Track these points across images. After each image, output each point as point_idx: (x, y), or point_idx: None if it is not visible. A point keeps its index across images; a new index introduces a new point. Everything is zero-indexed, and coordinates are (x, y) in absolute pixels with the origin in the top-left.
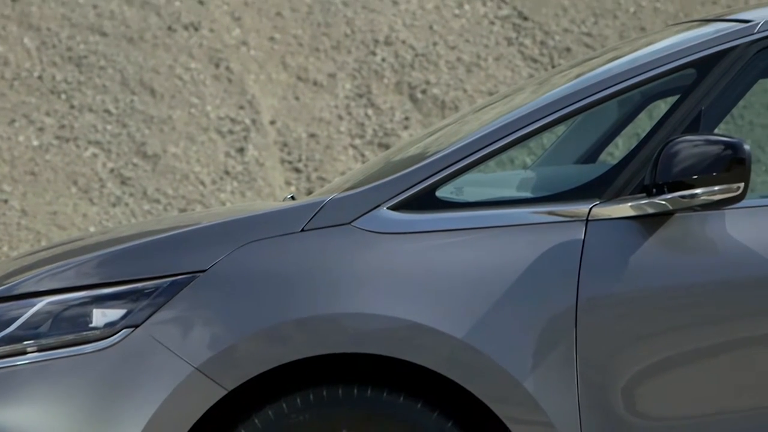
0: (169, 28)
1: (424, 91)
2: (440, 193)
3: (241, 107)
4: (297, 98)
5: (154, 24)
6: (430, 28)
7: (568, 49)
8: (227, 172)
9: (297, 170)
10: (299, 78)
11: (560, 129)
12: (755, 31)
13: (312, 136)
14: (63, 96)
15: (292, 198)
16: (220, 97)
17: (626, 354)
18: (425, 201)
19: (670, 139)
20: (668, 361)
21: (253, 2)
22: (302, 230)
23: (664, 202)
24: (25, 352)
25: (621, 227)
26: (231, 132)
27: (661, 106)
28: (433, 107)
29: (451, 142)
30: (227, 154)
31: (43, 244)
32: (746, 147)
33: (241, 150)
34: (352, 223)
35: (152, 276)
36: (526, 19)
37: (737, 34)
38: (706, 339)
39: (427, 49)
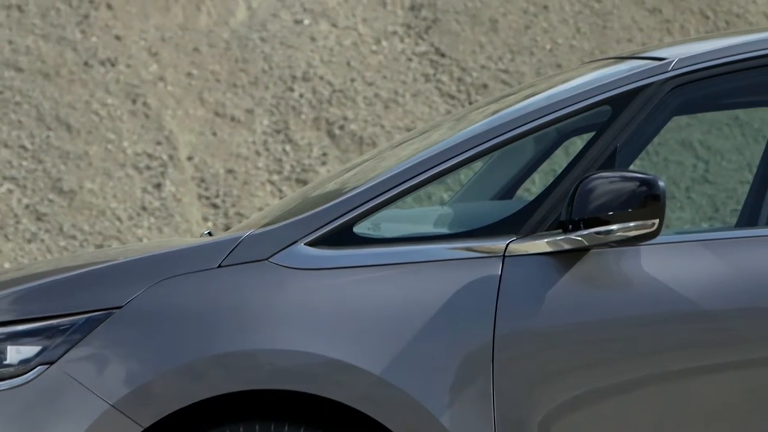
0: (86, 63)
1: (341, 127)
2: (358, 229)
3: (159, 143)
4: (214, 134)
5: (71, 59)
6: (348, 64)
7: (485, 86)
8: (144, 208)
9: (214, 206)
10: (217, 114)
11: (477, 165)
12: (669, 68)
13: (229, 171)
14: None
15: (209, 234)
16: (137, 132)
17: (543, 389)
18: (343, 237)
19: (585, 175)
20: (585, 396)
21: (171, 38)
22: (219, 266)
23: (579, 238)
24: None
25: (537, 263)
26: (148, 168)
27: (578, 143)
28: (350, 143)
29: (368, 178)
30: (144, 190)
31: None
32: (661, 183)
33: (158, 186)
34: (269, 259)
35: (68, 312)
36: (443, 55)
37: (652, 72)
38: (621, 375)
39: (345, 85)
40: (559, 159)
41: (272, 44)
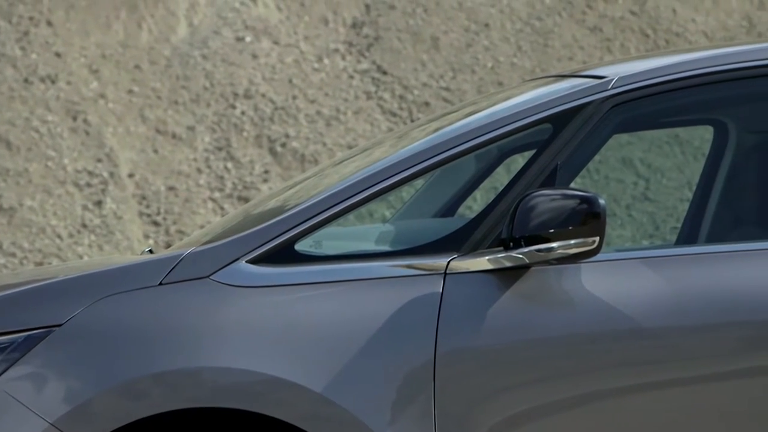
0: (26, 80)
1: (283, 145)
2: (299, 246)
3: (99, 160)
4: (156, 151)
5: (10, 76)
6: (290, 81)
7: (427, 103)
8: (84, 226)
9: (156, 223)
10: (158, 131)
11: (419, 182)
12: (609, 87)
13: (171, 189)
14: None
15: (150, 251)
16: (77, 149)
17: (484, 407)
18: (284, 254)
19: (526, 193)
20: (526, 414)
21: (111, 55)
22: (160, 284)
23: (520, 256)
24: None
25: (479, 280)
26: (88, 185)
27: (519, 161)
28: (292, 160)
29: (310, 196)
30: (85, 207)
31: None
32: (601, 201)
33: (98, 203)
34: (210, 277)
35: (6, 331)
36: (385, 73)
37: (592, 90)
38: (562, 393)
39: (287, 102)
40: (501, 177)
41: (214, 61)
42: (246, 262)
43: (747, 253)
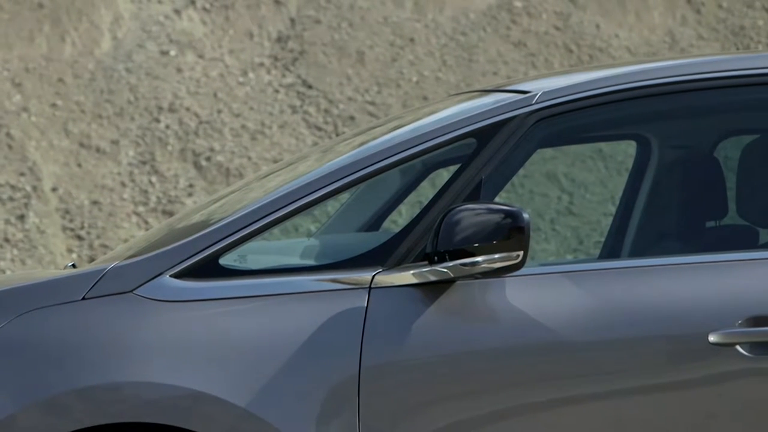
0: None
1: (208, 159)
2: (224, 260)
3: (22, 174)
4: (79, 165)
5: None
6: (215, 95)
7: (352, 118)
8: (7, 240)
9: (79, 237)
10: (82, 145)
11: (344, 197)
12: (533, 101)
13: (95, 203)
14: None
15: (73, 266)
16: None
17: (409, 422)
18: (209, 269)
19: (451, 207)
20: (450, 428)
21: (35, 68)
22: (83, 299)
23: (445, 270)
24: None
25: (403, 295)
26: (11, 199)
27: (444, 175)
28: (217, 174)
29: (235, 210)
30: (7, 222)
31: None
32: (525, 215)
33: (21, 217)
34: (134, 291)
35: None
36: (310, 87)
37: (516, 105)
38: (486, 406)
39: (212, 116)
40: (426, 191)
41: (138, 75)
42: (170, 276)
43: (668, 268)
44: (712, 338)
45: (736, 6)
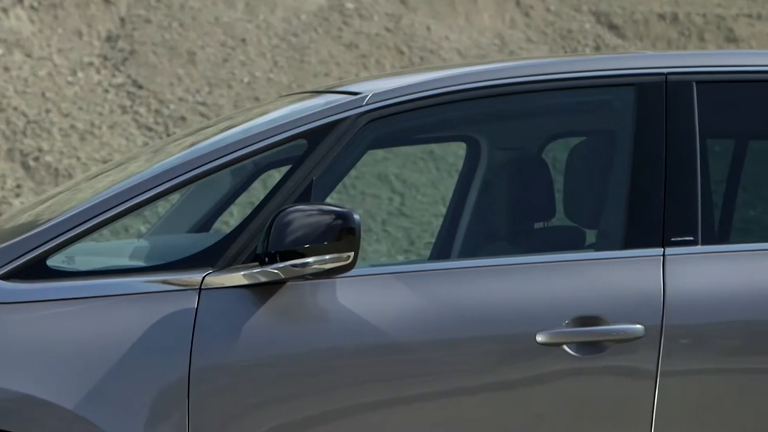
0: None
1: (36, 159)
2: (51, 262)
3: None
4: None
5: None
6: (43, 95)
7: (183, 118)
8: None
9: None
10: None
11: (175, 197)
12: (364, 103)
13: None
14: None
15: None
16: None
17: (239, 424)
18: (36, 270)
19: (282, 208)
20: (281, 429)
21: None
22: None
23: (275, 271)
24: None
25: (234, 296)
26: None
27: (275, 176)
28: (46, 175)
29: (63, 210)
30: None
31: None
32: (356, 216)
33: None
34: None
35: None
36: (140, 87)
37: (347, 106)
38: (318, 407)
39: (40, 116)
40: (257, 192)
41: None
42: None
43: (497, 268)
44: (539, 338)
45: (563, 10)
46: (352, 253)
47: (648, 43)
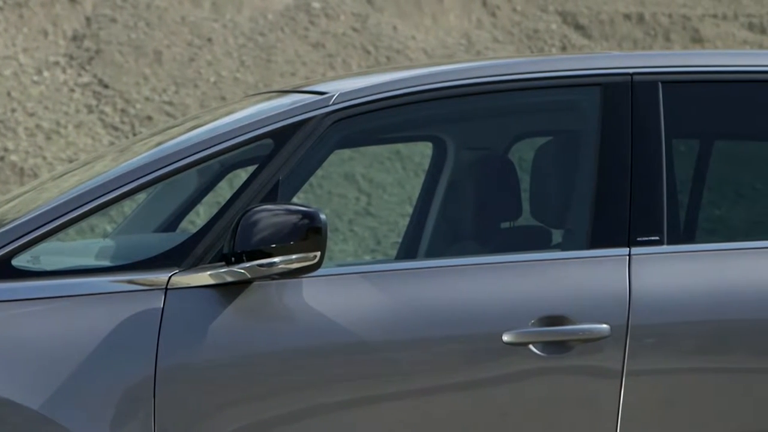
0: None
1: (1, 158)
2: (16, 261)
3: None
4: None
5: None
6: (8, 94)
7: (150, 117)
8: None
9: None
10: None
11: (141, 197)
12: (330, 102)
13: None
14: None
15: None
16: None
17: (206, 424)
18: (1, 270)
19: (248, 208)
20: (247, 429)
21: None
22: None
23: (242, 271)
24: None
25: (200, 296)
26: None
27: (241, 175)
28: (11, 174)
29: (28, 210)
30: None
31: None
32: (322, 216)
33: None
34: None
35: None
36: (106, 86)
37: (313, 106)
38: (284, 407)
39: (5, 115)
40: (223, 191)
41: None
42: None
43: (463, 268)
44: (506, 338)
45: (530, 10)
46: (319, 252)
47: (614, 44)
